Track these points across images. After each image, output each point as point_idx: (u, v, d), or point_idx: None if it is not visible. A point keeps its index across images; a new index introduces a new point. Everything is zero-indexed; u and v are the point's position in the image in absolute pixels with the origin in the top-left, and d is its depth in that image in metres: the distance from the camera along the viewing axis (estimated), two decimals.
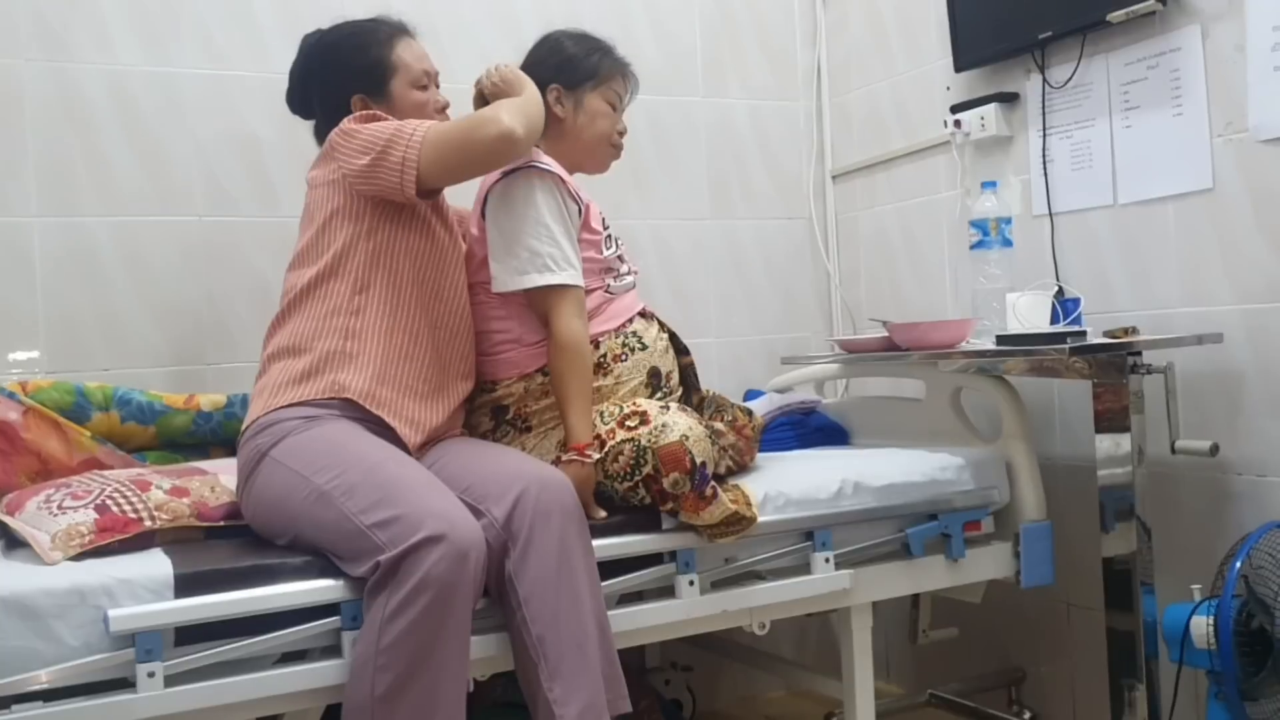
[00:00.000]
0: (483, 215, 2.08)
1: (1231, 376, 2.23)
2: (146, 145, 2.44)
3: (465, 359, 2.08)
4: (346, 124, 1.98)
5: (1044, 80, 2.55)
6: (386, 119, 1.99)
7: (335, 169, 1.97)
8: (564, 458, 1.95)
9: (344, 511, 1.70)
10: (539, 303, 2.03)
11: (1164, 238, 2.35)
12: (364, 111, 2.02)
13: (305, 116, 2.17)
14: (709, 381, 2.37)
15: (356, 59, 2.08)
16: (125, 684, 1.57)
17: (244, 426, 1.92)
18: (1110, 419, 2.14)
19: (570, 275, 2.01)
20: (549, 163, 2.07)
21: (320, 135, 2.12)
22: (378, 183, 1.92)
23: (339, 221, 1.97)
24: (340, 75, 2.08)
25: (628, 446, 1.92)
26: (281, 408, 1.87)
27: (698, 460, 1.90)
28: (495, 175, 2.06)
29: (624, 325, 2.12)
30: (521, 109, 1.95)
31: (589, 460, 1.93)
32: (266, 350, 1.99)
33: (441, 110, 2.14)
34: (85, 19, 2.40)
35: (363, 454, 1.79)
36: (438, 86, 2.16)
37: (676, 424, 1.93)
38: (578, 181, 2.15)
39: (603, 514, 1.94)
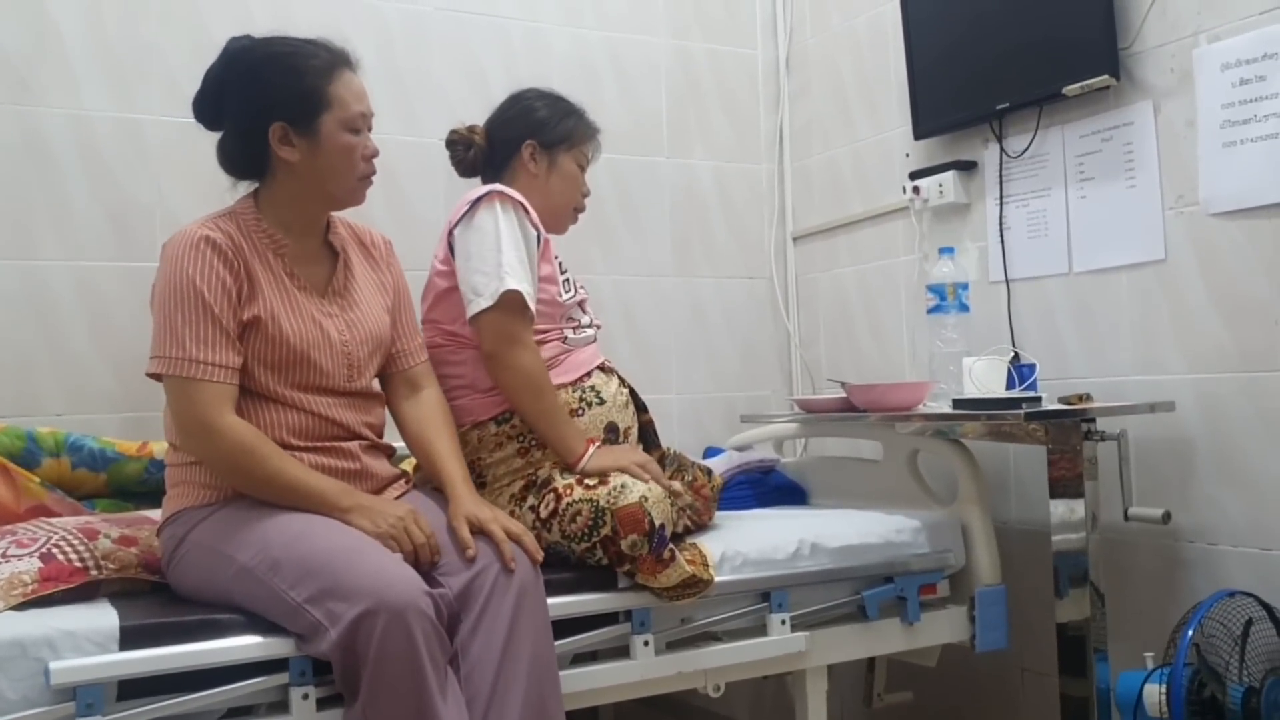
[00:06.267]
0: (450, 250, 2.09)
1: (1183, 445, 2.26)
2: (108, 190, 2.43)
3: (373, 414, 1.99)
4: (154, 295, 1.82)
5: (1001, 150, 2.60)
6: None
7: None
8: (584, 463, 1.99)
9: (273, 589, 1.66)
10: (492, 322, 2.01)
11: (1117, 307, 2.39)
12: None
13: (210, 127, 1.94)
14: (669, 438, 2.37)
15: (288, 82, 1.85)
16: None
17: (162, 516, 1.87)
18: (1064, 485, 2.16)
19: (516, 282, 1.99)
20: (512, 190, 2.10)
21: (224, 153, 1.92)
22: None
23: None
24: (265, 95, 1.85)
25: (586, 507, 1.91)
26: (191, 506, 1.82)
27: (656, 522, 1.90)
28: (463, 206, 2.08)
29: (582, 379, 2.12)
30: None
31: (596, 447, 2.01)
32: (168, 437, 1.89)
33: (370, 159, 1.92)
34: (51, 63, 2.39)
35: (282, 526, 1.73)
36: (370, 130, 1.94)
37: (635, 485, 1.92)
38: None
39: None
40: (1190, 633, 1.97)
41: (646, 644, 1.95)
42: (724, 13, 3.21)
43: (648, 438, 2.22)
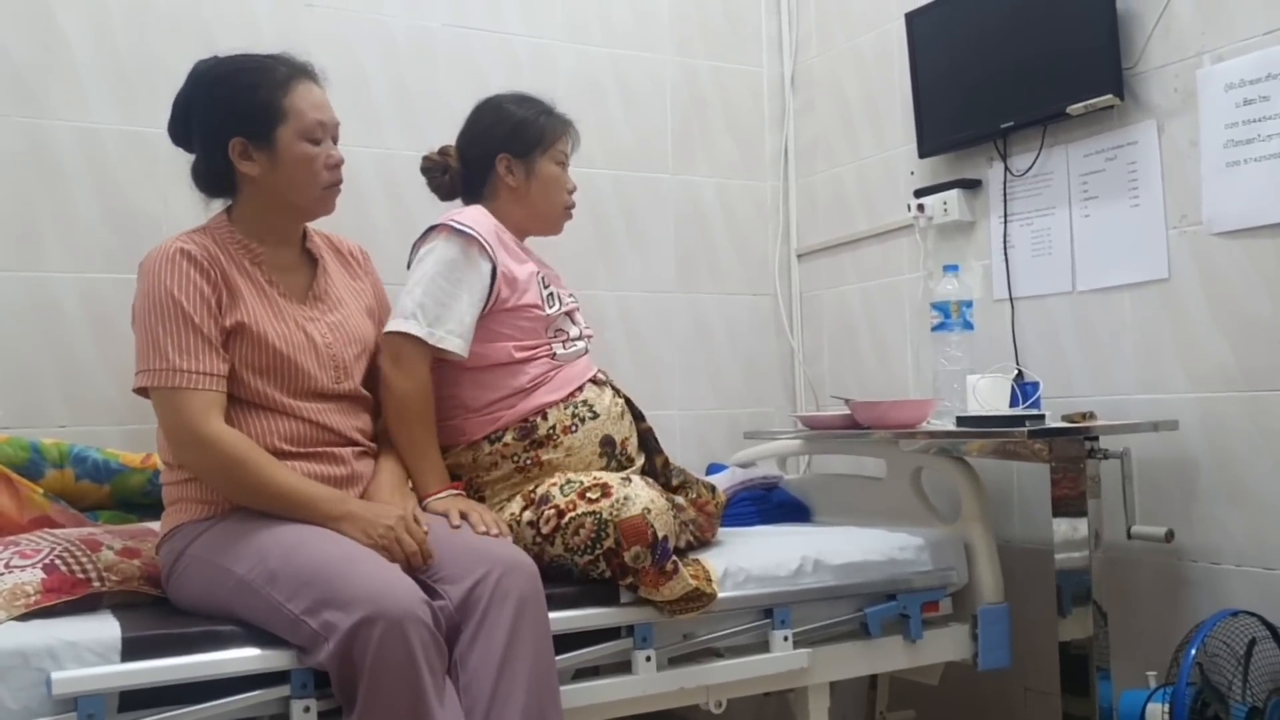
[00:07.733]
0: None
1: (1186, 464, 2.26)
2: (115, 203, 2.44)
3: (362, 418, 2.00)
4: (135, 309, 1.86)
5: (1005, 168, 2.61)
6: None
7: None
8: (432, 499, 1.96)
9: (271, 601, 1.66)
10: (387, 345, 2.03)
11: (1121, 325, 2.39)
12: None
13: (186, 149, 1.98)
14: (671, 454, 2.36)
15: (244, 98, 1.87)
16: None
17: (161, 532, 1.88)
18: (1068, 503, 2.16)
19: (417, 328, 2.00)
20: (469, 224, 2.08)
21: (195, 173, 1.96)
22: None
23: None
24: (223, 112, 1.88)
25: (589, 519, 1.91)
26: (189, 521, 1.83)
27: (659, 534, 1.89)
28: (422, 235, 2.12)
29: (573, 395, 2.11)
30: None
31: (453, 494, 1.98)
32: (161, 455, 1.90)
33: (334, 167, 1.92)
34: (60, 76, 2.40)
35: (278, 538, 1.73)
36: (335, 140, 1.94)
37: (638, 497, 1.92)
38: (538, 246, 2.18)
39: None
40: (1193, 652, 1.96)
41: (648, 659, 1.95)
42: (729, 30, 3.23)
43: (648, 445, 2.21)
